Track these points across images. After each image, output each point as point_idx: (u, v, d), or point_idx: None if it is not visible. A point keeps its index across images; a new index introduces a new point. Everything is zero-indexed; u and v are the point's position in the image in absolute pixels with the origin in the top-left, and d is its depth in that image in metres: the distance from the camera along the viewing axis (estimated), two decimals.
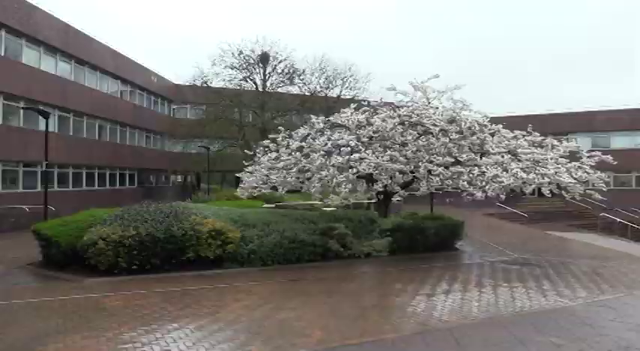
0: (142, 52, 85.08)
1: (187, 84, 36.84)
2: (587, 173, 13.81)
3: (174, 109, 44.51)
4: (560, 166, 13.66)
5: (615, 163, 14.23)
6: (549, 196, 13.71)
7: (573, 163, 14.03)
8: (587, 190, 13.85)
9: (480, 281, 10.76)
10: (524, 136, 14.95)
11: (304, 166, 14.63)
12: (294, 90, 36.77)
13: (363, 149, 13.74)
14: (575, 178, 13.44)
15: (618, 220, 28.98)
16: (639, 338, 6.57)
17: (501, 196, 13.56)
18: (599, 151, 14.95)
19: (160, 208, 12.04)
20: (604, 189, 13.98)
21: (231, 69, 34.95)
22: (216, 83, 35.30)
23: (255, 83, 35.73)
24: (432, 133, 14.00)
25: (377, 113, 14.81)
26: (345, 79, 37.08)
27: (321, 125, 15.38)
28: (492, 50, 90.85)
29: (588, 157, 14.33)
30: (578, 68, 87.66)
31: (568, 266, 12.95)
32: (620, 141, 37.94)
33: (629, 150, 36.55)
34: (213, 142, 35.71)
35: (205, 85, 35.13)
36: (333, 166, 13.76)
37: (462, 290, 9.77)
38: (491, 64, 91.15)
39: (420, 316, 7.70)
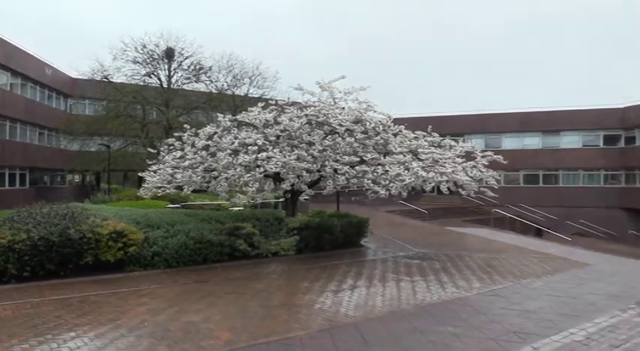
0: (34, 43, 79.22)
1: (86, 78, 34.79)
2: (481, 172, 14.80)
3: (71, 104, 41.90)
4: (457, 165, 14.48)
5: (505, 162, 15.39)
6: (447, 193, 14.52)
7: (469, 162, 14.94)
8: (481, 188, 14.85)
9: (383, 276, 11.15)
10: (424, 136, 15.65)
11: (210, 165, 14.39)
12: (201, 87, 35.89)
13: (271, 148, 13.76)
14: (470, 177, 14.35)
15: (508, 215, 31.33)
16: (526, 323, 7.13)
17: (403, 193, 14.16)
18: (491, 151, 16.05)
19: (55, 209, 11.31)
20: (495, 186, 15.02)
21: (134, 64, 33.45)
22: (117, 78, 33.61)
23: (159, 79, 34.45)
24: (338, 133, 14.30)
25: (284, 112, 14.88)
26: (252, 78, 36.85)
27: (228, 124, 15.19)
28: (398, 50, 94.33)
29: (482, 156, 15.33)
30: (477, 70, 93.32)
31: (464, 259, 13.76)
32: (510, 142, 40.96)
33: (518, 150, 39.56)
34: (114, 140, 33.97)
35: (106, 79, 33.34)
36: (240, 165, 13.65)
37: (367, 285, 10.08)
38: (396, 65, 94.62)
39: (327, 313, 7.85)
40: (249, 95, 35.96)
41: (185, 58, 34.48)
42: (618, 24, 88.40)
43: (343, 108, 15.19)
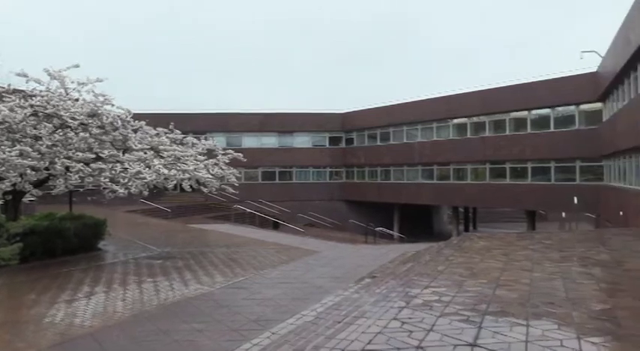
0: None
1: None
2: (222, 169, 15.27)
3: None
4: (199, 162, 14.65)
5: (245, 160, 16.16)
6: (190, 191, 14.61)
7: (210, 160, 15.26)
8: (222, 185, 15.31)
9: (124, 279, 10.64)
10: (166, 133, 15.41)
11: None
12: None
13: None
14: (212, 174, 14.68)
15: (248, 210, 32.95)
16: (265, 310, 7.61)
17: (144, 192, 13.74)
18: (232, 149, 16.66)
19: None
20: (236, 184, 15.70)
21: None
22: None
23: None
24: (70, 127, 13.08)
25: (3, 101, 12.97)
26: None
27: None
28: (136, 45, 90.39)
29: (223, 154, 15.81)
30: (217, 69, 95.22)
31: (207, 255, 14.00)
32: (250, 141, 43.03)
33: (257, 149, 41.81)
34: None
35: None
36: None
37: (105, 291, 9.48)
38: (138, 60, 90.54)
39: (60, 326, 7.14)
40: None
41: None
42: (352, 38, 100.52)
43: (77, 100, 13.95)
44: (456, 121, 36.33)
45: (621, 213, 19.12)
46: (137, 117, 15.04)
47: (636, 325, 4.91)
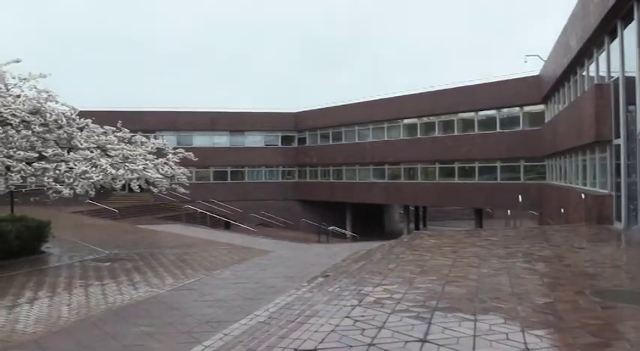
0: None
1: None
2: (173, 169, 15.00)
3: None
4: (148, 162, 14.33)
5: (196, 159, 15.95)
6: (138, 191, 14.27)
7: (160, 159, 14.95)
8: (172, 184, 15.04)
9: (70, 283, 10.29)
10: (114, 131, 15.01)
11: None
12: None
13: None
14: (162, 174, 14.40)
15: (199, 210, 32.50)
16: (217, 312, 7.53)
17: (91, 192, 13.33)
18: (182, 148, 16.39)
19: None
20: (187, 183, 15.45)
21: None
22: None
23: None
24: (11, 125, 12.52)
25: None
26: None
27: None
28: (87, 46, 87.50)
29: (173, 153, 15.53)
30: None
31: (157, 256, 13.72)
32: (201, 140, 42.33)
33: (208, 148, 41.15)
34: None
35: None
36: None
37: (50, 296, 9.14)
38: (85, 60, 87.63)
39: (0, 333, 6.83)
40: None
41: None
42: (311, 38, 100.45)
43: (18, 96, 13.37)
44: (406, 121, 36.97)
45: (562, 210, 19.92)
46: (83, 115, 14.57)
47: (576, 318, 5.14)
